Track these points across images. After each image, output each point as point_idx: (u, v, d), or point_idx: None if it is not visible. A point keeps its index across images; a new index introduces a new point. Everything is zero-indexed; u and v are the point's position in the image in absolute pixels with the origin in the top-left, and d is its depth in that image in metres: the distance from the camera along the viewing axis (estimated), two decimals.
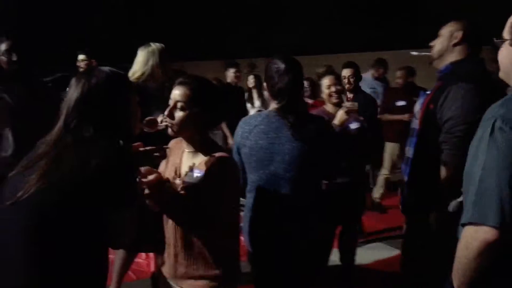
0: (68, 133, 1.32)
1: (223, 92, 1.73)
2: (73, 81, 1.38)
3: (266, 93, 2.04)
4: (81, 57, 4.38)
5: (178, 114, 1.62)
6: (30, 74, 2.70)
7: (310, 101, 4.98)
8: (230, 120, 3.22)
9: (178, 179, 1.68)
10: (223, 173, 1.61)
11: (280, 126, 1.92)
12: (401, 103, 4.95)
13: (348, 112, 2.78)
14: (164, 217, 1.71)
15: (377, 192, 5.10)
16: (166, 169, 1.78)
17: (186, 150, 1.73)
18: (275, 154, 1.91)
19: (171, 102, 1.63)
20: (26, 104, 2.52)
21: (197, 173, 1.63)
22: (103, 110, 1.35)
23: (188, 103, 1.61)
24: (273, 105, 1.99)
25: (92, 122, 1.33)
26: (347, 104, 2.88)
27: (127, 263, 2.79)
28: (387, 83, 5.73)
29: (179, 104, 1.61)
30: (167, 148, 1.65)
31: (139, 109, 1.49)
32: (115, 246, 1.43)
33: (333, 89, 2.99)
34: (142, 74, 2.74)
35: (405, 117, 4.73)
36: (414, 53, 7.71)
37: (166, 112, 1.62)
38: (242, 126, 2.03)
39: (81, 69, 4.39)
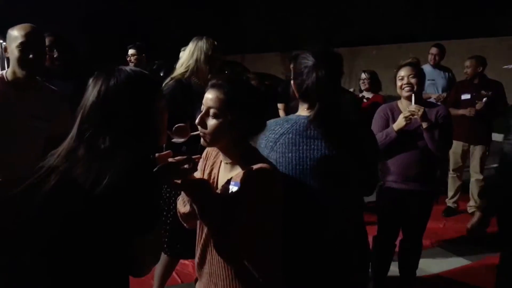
0: (81, 144, 1.15)
1: (265, 95, 1.47)
2: (90, 81, 1.21)
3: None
4: (131, 51, 4.32)
5: (211, 123, 1.41)
6: (72, 72, 2.63)
7: (368, 95, 4.65)
8: None
9: None
10: (261, 188, 1.39)
11: (313, 134, 1.61)
12: (466, 96, 4.48)
13: (409, 118, 2.48)
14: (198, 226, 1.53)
15: (450, 196, 4.71)
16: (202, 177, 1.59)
17: (224, 162, 1.53)
18: (307, 170, 1.60)
19: (202, 108, 1.43)
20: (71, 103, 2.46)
21: (233, 188, 1.43)
22: (122, 117, 1.16)
23: (221, 110, 1.39)
24: (302, 109, 1.69)
25: (109, 131, 1.14)
26: (411, 107, 2.54)
27: (169, 269, 2.67)
28: (450, 74, 5.19)
29: (211, 111, 1.40)
30: (197, 158, 1.46)
31: (166, 115, 1.30)
32: (133, 275, 1.26)
33: (405, 80, 2.61)
34: (186, 69, 2.57)
35: (467, 111, 4.28)
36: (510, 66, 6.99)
37: (197, 120, 1.42)
38: (267, 134, 1.68)
39: (131, 64, 4.35)
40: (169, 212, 2.44)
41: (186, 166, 1.32)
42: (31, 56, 2.05)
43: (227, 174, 1.51)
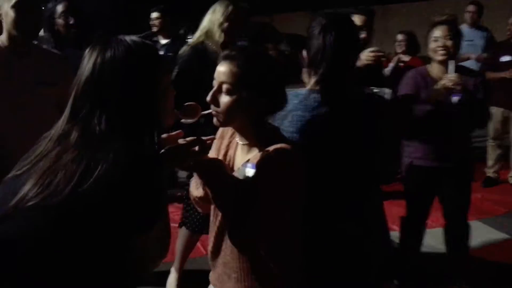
0: (75, 126, 1.01)
1: (286, 68, 1.29)
2: (86, 53, 1.05)
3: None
4: (154, 15, 4.15)
5: (224, 100, 1.25)
6: (88, 40, 2.50)
7: (405, 58, 4.34)
8: None
9: None
10: (279, 171, 1.25)
11: (323, 111, 1.43)
12: (506, 58, 4.10)
13: (447, 88, 2.18)
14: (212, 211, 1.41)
15: (489, 166, 4.42)
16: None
17: (240, 143, 1.39)
18: (316, 150, 1.42)
19: (214, 83, 1.28)
20: None
21: (249, 170, 1.29)
22: (119, 94, 1.01)
23: (235, 85, 1.23)
24: (312, 81, 1.49)
25: (106, 111, 1.00)
26: (450, 76, 2.20)
27: (190, 244, 2.61)
28: (489, 34, 4.75)
29: (224, 87, 1.25)
30: (211, 139, 1.31)
31: (173, 92, 1.14)
32: (138, 272, 1.15)
33: (440, 42, 2.28)
34: (201, 34, 2.40)
35: (507, 74, 3.93)
36: None
37: (208, 97, 1.27)
38: None
39: (154, 28, 4.19)
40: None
41: (196, 148, 1.19)
42: (28, 16, 1.88)
43: (244, 156, 1.37)
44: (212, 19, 2.38)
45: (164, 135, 1.23)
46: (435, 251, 2.85)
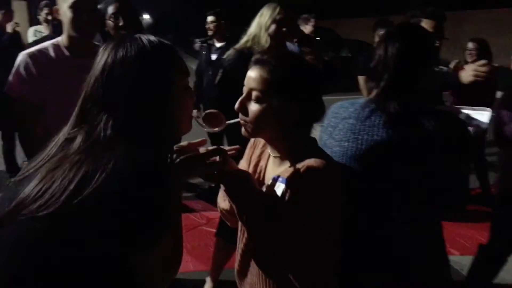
0: (80, 130, 0.93)
1: (323, 74, 1.15)
2: (99, 51, 0.98)
3: None
4: (209, 18, 4.13)
5: (253, 108, 1.14)
6: None
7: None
8: None
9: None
10: (311, 189, 1.11)
11: (376, 122, 1.29)
12: None
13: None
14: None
15: None
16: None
17: (272, 154, 1.26)
18: (365, 166, 1.29)
19: (244, 90, 1.16)
20: None
21: (279, 185, 1.17)
22: (128, 97, 0.92)
23: (265, 92, 1.11)
24: (373, 92, 1.37)
25: (113, 115, 0.91)
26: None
27: (227, 254, 2.51)
28: None
29: (253, 94, 1.13)
30: (235, 149, 1.19)
31: (191, 99, 1.04)
32: None
33: None
34: (248, 38, 2.30)
35: None
36: None
37: (236, 105, 1.16)
38: (328, 119, 1.43)
39: (209, 32, 4.18)
40: None
41: (217, 158, 1.08)
42: (85, 16, 1.87)
43: (275, 169, 1.24)
44: (259, 23, 2.29)
45: (184, 143, 1.14)
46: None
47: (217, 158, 1.08)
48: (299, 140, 1.19)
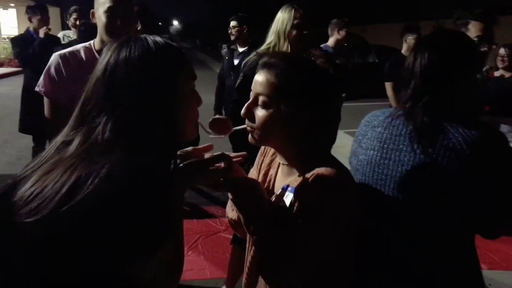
0: (78, 132, 0.89)
1: (334, 78, 1.08)
2: (104, 50, 0.95)
3: None
4: (232, 23, 4.12)
5: (260, 114, 1.08)
6: None
7: (507, 74, 3.82)
8: None
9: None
10: (320, 201, 1.04)
11: (403, 131, 1.23)
12: None
13: None
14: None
15: None
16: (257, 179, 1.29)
17: (281, 162, 1.21)
18: (389, 177, 1.22)
19: (251, 95, 1.11)
20: None
21: (288, 194, 1.11)
22: (130, 99, 0.87)
23: (273, 97, 1.06)
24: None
25: (113, 118, 0.87)
26: None
27: (242, 263, 2.45)
28: None
29: (260, 99, 1.07)
30: (242, 156, 1.13)
31: (196, 103, 1.00)
32: None
33: None
34: (268, 46, 2.24)
35: None
36: None
37: (243, 110, 1.10)
38: (360, 126, 1.39)
39: (232, 37, 4.16)
40: None
41: (222, 164, 1.03)
42: (118, 22, 1.88)
43: (284, 178, 1.18)
44: (277, 32, 2.22)
45: (189, 148, 1.09)
46: None
47: (222, 164, 1.02)
48: (308, 147, 1.13)
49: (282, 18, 2.23)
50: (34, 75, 2.89)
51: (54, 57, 1.95)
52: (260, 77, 1.08)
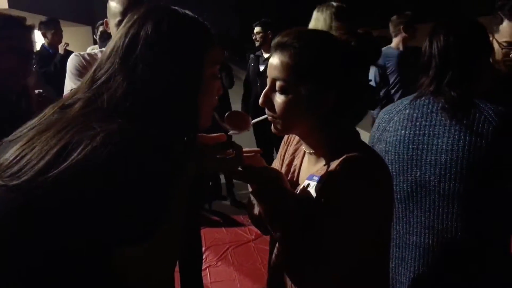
0: (83, 96, 0.81)
1: (358, 52, 0.96)
2: (126, 18, 0.87)
3: None
4: (256, 29, 4.06)
5: (279, 100, 0.98)
6: None
7: None
8: None
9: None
10: (350, 187, 0.92)
11: (435, 109, 1.28)
12: None
13: None
14: None
15: None
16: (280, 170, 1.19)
17: (306, 151, 1.10)
18: (424, 151, 1.26)
19: (268, 81, 1.01)
20: None
21: (313, 184, 1.00)
22: (149, 70, 0.79)
23: (290, 81, 0.95)
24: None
25: (126, 85, 0.78)
26: None
27: None
28: None
29: (278, 84, 0.97)
30: (256, 151, 1.02)
31: (218, 90, 0.91)
32: None
33: None
34: None
35: None
36: None
37: (260, 99, 1.01)
38: (380, 117, 1.43)
39: (257, 43, 4.11)
40: None
41: (230, 151, 0.93)
42: None
43: (310, 168, 1.07)
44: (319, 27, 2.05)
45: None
46: None
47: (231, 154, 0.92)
48: (336, 133, 1.02)
49: (320, 16, 2.04)
50: (56, 91, 2.91)
51: (73, 55, 1.97)
52: (274, 60, 0.98)
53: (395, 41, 3.68)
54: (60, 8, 10.34)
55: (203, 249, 2.96)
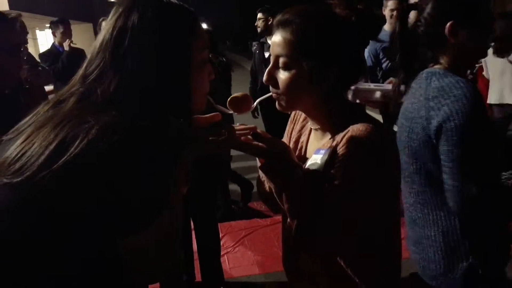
0: (77, 91, 0.84)
1: (358, 26, 0.97)
2: (113, 10, 0.89)
3: None
4: (259, 15, 4.06)
5: (282, 77, 1.00)
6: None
7: None
8: None
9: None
10: (356, 158, 0.94)
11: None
12: None
13: None
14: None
15: None
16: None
17: (312, 128, 1.12)
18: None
19: (271, 58, 1.03)
20: None
21: (319, 157, 1.01)
22: (138, 60, 0.81)
23: (293, 57, 0.97)
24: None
25: (118, 78, 0.81)
26: None
27: None
28: None
29: (281, 60, 0.99)
30: (251, 129, 1.03)
31: (209, 74, 0.93)
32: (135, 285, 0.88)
33: None
34: None
35: None
36: None
37: (264, 76, 1.03)
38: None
39: (259, 29, 4.10)
40: None
41: (224, 132, 0.93)
42: None
43: (317, 144, 1.09)
44: None
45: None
46: None
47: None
48: (340, 106, 1.04)
49: None
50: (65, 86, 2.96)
51: None
52: (276, 37, 1.00)
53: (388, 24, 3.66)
54: (60, 8, 10.41)
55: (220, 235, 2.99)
